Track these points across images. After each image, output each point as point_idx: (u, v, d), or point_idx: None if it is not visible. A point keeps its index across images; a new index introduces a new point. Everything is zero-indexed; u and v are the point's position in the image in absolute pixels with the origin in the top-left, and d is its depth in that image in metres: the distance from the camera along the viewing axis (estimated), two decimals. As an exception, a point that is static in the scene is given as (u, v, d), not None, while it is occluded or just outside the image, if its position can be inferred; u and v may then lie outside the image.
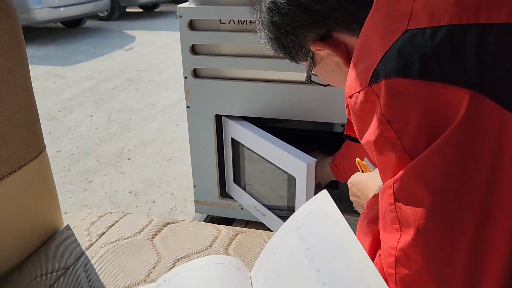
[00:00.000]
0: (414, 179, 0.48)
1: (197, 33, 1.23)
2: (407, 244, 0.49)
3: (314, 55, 0.71)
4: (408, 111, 0.48)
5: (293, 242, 0.57)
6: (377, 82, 0.50)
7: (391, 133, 0.49)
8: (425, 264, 0.48)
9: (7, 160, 0.67)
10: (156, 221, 0.79)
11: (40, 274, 0.68)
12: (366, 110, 0.53)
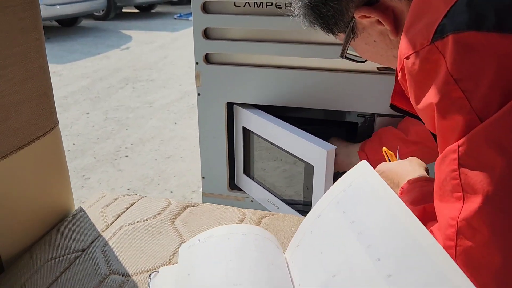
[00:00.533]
0: (485, 142, 0.44)
1: (210, 16, 1.18)
2: (472, 213, 0.45)
3: (355, 25, 0.67)
4: (480, 68, 0.44)
5: (334, 217, 0.52)
6: (442, 39, 0.46)
7: (458, 94, 0.45)
8: (492, 236, 0.44)
9: (18, 131, 0.61)
10: (176, 203, 0.74)
11: (53, 257, 0.62)
12: (427, 70, 0.48)
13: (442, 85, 0.47)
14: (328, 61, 1.17)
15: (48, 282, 0.57)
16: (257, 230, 0.58)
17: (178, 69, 4.72)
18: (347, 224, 0.50)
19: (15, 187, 0.63)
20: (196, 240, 0.54)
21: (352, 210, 0.51)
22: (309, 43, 1.16)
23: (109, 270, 0.59)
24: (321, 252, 0.51)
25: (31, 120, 0.63)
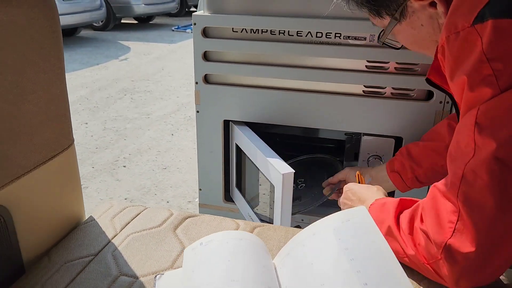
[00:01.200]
0: (502, 107, 0.53)
1: (210, 40, 1.28)
2: (478, 161, 0.54)
3: (405, 8, 0.69)
4: (510, 51, 0.52)
5: (330, 240, 0.61)
6: (482, 22, 0.53)
7: (488, 71, 0.53)
8: (490, 183, 0.54)
9: (40, 148, 0.69)
10: (177, 214, 0.82)
11: (69, 260, 0.70)
12: (465, 49, 0.56)
13: (476, 62, 0.54)
14: (317, 84, 1.27)
15: (66, 282, 0.65)
16: (250, 237, 0.66)
17: (175, 81, 4.81)
18: (341, 249, 0.59)
19: (36, 198, 0.71)
20: (199, 244, 0.63)
21: (348, 240, 0.60)
22: (300, 67, 1.26)
23: (119, 272, 0.67)
24: (311, 264, 0.59)
25: (52, 138, 0.71)
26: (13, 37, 0.60)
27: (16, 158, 0.64)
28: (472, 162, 0.55)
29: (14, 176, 0.65)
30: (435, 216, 0.59)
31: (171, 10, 8.95)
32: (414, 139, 1.23)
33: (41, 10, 0.65)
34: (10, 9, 0.59)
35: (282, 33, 1.23)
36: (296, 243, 0.64)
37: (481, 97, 0.55)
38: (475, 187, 0.55)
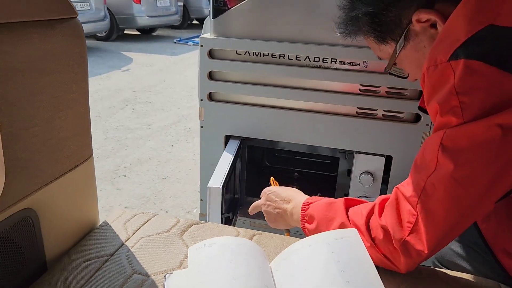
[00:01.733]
0: (464, 135, 0.63)
1: (215, 61, 1.38)
2: (437, 177, 0.65)
3: (408, 31, 0.75)
4: (476, 90, 0.61)
5: (323, 251, 0.70)
6: (456, 60, 0.62)
7: (456, 103, 0.63)
8: (445, 197, 0.65)
9: (67, 159, 0.78)
10: (183, 221, 0.91)
11: (88, 259, 0.78)
12: (440, 80, 0.65)
13: (447, 93, 0.63)
14: (314, 104, 1.37)
15: (85, 278, 0.74)
16: (249, 242, 0.75)
17: (176, 93, 4.91)
18: (333, 261, 0.68)
19: (60, 202, 0.80)
20: (202, 244, 0.72)
21: (339, 254, 0.68)
22: (298, 88, 1.36)
23: (133, 270, 0.76)
24: (305, 269, 0.68)
25: (76, 150, 0.80)
26: (50, 63, 0.70)
27: (45, 168, 0.73)
28: (433, 176, 0.66)
29: (43, 183, 0.73)
30: (396, 215, 0.70)
31: (173, 23, 9.11)
32: (403, 158, 1.32)
33: (73, 39, 0.74)
34: (49, 39, 0.68)
35: (282, 57, 1.34)
36: (292, 250, 0.73)
37: (448, 123, 0.65)
38: (432, 199, 0.66)
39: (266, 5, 1.30)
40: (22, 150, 0.67)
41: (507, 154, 0.61)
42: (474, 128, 0.62)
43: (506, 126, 0.60)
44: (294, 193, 0.99)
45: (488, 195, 0.65)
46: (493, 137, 0.60)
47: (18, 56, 0.62)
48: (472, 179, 0.63)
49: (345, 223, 0.78)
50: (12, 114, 0.64)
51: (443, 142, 0.65)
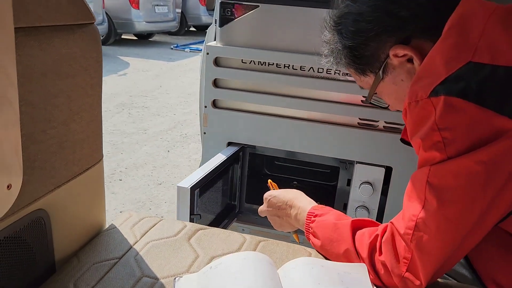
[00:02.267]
0: (449, 172, 0.65)
1: (220, 69, 1.40)
2: (428, 215, 0.67)
3: (386, 65, 0.78)
4: (457, 125, 0.63)
5: (334, 276, 0.73)
6: (436, 96, 0.64)
7: (438, 138, 0.65)
8: (437, 234, 0.67)
9: (79, 161, 0.79)
10: (190, 226, 0.92)
11: (97, 261, 0.79)
12: (422, 116, 0.67)
13: (429, 129, 0.65)
14: (316, 114, 1.39)
15: (95, 280, 0.74)
16: (254, 255, 0.76)
17: (172, 98, 4.91)
18: (342, 285, 0.71)
19: (70, 204, 0.80)
20: (208, 268, 0.74)
21: (350, 283, 0.72)
22: (301, 98, 1.38)
23: (142, 273, 0.77)
24: (318, 283, 0.70)
25: (88, 153, 0.82)
26: (69, 67, 0.71)
27: (60, 169, 0.74)
28: (423, 213, 0.67)
29: (57, 184, 0.74)
30: (393, 252, 0.71)
31: (171, 29, 9.15)
32: (403, 169, 1.35)
33: (91, 44, 0.76)
34: (69, 43, 0.70)
35: (287, 66, 1.36)
36: (302, 264, 0.75)
37: (432, 158, 0.66)
38: (425, 235, 0.67)
39: (272, 15, 1.33)
40: (39, 152, 0.68)
41: (493, 188, 0.63)
42: (458, 165, 0.64)
43: (489, 161, 0.61)
44: (295, 195, 0.98)
45: (479, 227, 0.66)
46: (478, 174, 0.62)
47: (42, 59, 0.64)
48: (461, 215, 0.65)
49: (350, 250, 0.79)
50: (32, 115, 0.65)
51: (429, 179, 0.66)
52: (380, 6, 0.74)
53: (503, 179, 0.63)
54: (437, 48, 0.68)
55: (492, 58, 0.63)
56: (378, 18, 0.74)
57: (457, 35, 0.67)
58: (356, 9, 0.77)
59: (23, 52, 0.61)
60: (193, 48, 8.11)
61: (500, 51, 0.64)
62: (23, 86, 0.62)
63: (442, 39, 0.68)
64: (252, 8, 1.32)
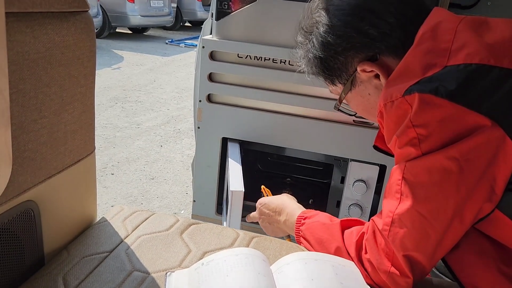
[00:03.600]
0: (423, 168, 0.65)
1: (216, 63, 1.38)
2: (402, 211, 0.67)
3: (355, 78, 0.80)
4: (431, 121, 0.64)
5: (328, 269, 0.73)
6: (410, 94, 0.65)
7: (413, 135, 0.65)
8: (412, 231, 0.67)
9: (71, 153, 0.78)
10: (182, 220, 0.91)
11: (87, 254, 0.78)
12: (398, 115, 0.68)
13: (405, 126, 0.66)
14: (312, 110, 1.38)
15: (85, 274, 0.73)
16: (246, 250, 0.75)
17: (166, 93, 4.89)
18: (337, 282, 0.70)
19: (61, 196, 0.79)
20: (200, 264, 0.72)
21: (345, 278, 0.71)
22: (297, 94, 1.37)
23: (133, 268, 0.75)
24: (311, 279, 0.69)
25: (80, 144, 0.80)
26: (61, 55, 0.69)
27: (51, 160, 0.72)
28: (399, 209, 0.68)
29: (47, 176, 0.73)
30: (376, 249, 0.72)
31: (166, 24, 9.09)
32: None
33: (84, 32, 0.74)
34: (62, 31, 0.68)
35: (283, 62, 1.35)
36: (296, 259, 0.74)
37: (407, 154, 0.67)
38: (401, 232, 0.68)
39: (269, 10, 1.31)
40: (29, 141, 0.66)
41: (466, 185, 0.63)
42: (431, 161, 0.64)
43: (461, 158, 0.62)
44: (284, 201, 1.00)
45: (458, 224, 0.66)
46: (451, 170, 0.62)
47: (35, 46, 0.62)
48: (435, 212, 0.65)
49: (341, 249, 0.79)
50: (23, 104, 0.63)
51: (404, 176, 0.67)
52: (350, 22, 0.75)
53: (477, 176, 0.63)
54: (412, 53, 0.70)
55: (465, 58, 0.64)
56: (348, 34, 0.75)
57: (431, 39, 0.68)
58: (327, 21, 0.77)
59: (15, 38, 0.59)
60: (188, 44, 8.07)
61: (472, 51, 0.64)
62: (14, 73, 0.60)
63: (416, 45, 0.70)
64: (249, 2, 1.31)
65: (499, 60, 0.63)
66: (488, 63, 0.63)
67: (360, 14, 0.75)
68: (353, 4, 0.75)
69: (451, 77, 0.63)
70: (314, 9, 0.82)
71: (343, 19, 0.76)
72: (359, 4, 0.75)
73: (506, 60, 0.63)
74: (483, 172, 0.62)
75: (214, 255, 0.73)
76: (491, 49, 0.64)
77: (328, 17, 0.77)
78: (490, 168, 0.62)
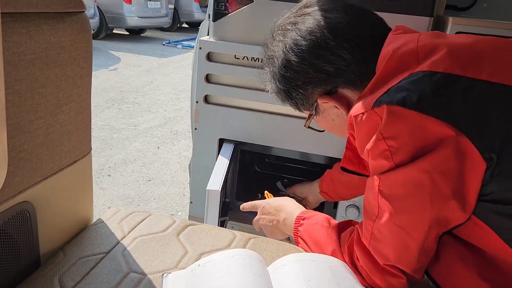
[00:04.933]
0: (397, 181, 0.66)
1: (213, 64, 1.38)
2: (381, 223, 0.68)
3: (317, 106, 0.83)
4: (400, 133, 0.65)
5: (325, 269, 0.73)
6: (379, 106, 0.66)
7: (385, 147, 0.66)
8: (392, 240, 0.68)
9: (67, 153, 0.78)
10: (179, 222, 0.91)
11: (83, 256, 0.77)
12: (369, 127, 0.69)
13: (376, 139, 0.67)
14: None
15: (81, 275, 0.72)
16: (243, 252, 0.75)
17: (163, 95, 4.88)
18: (335, 282, 0.70)
19: (57, 197, 0.78)
20: (196, 265, 0.72)
21: (342, 279, 0.72)
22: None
23: (129, 269, 0.75)
24: (308, 280, 0.69)
25: (76, 145, 0.80)
26: (57, 56, 0.69)
27: (47, 161, 0.72)
28: (377, 222, 0.68)
29: (43, 177, 0.72)
30: (366, 255, 0.72)
31: (163, 25, 9.08)
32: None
33: (81, 33, 0.74)
34: (58, 32, 0.68)
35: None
36: (292, 261, 0.74)
37: (380, 166, 0.67)
38: (381, 243, 0.69)
39: (266, 11, 1.31)
40: (25, 142, 0.66)
41: (439, 196, 0.63)
42: (405, 174, 0.64)
43: (433, 170, 0.62)
44: (285, 201, 1.01)
45: (433, 232, 0.67)
46: (424, 182, 0.63)
47: (30, 47, 0.62)
48: (413, 224, 0.66)
49: (337, 251, 0.80)
50: (19, 104, 0.63)
51: (380, 188, 0.67)
52: (307, 59, 0.77)
53: (449, 187, 0.63)
54: (381, 73, 0.71)
55: (430, 65, 0.65)
56: (305, 70, 0.77)
57: (397, 58, 0.69)
58: (285, 56, 0.79)
59: (11, 39, 0.59)
60: (185, 45, 8.06)
61: (436, 60, 0.66)
62: (10, 74, 0.60)
63: (381, 61, 0.71)
64: (246, 3, 1.31)
65: (464, 69, 0.64)
66: (453, 73, 0.64)
67: (316, 51, 0.76)
68: (310, 41, 0.76)
69: (418, 87, 0.64)
70: (273, 39, 0.84)
71: (300, 55, 0.77)
72: (315, 41, 0.76)
73: (469, 69, 0.64)
74: (455, 182, 0.63)
75: (210, 256, 0.73)
76: (454, 58, 0.65)
77: (286, 52, 0.79)
78: (461, 177, 0.62)
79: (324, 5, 0.79)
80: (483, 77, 0.64)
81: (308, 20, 0.77)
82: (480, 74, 0.64)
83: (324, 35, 0.75)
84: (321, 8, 0.77)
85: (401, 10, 1.20)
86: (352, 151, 0.93)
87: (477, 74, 0.64)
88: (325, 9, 0.77)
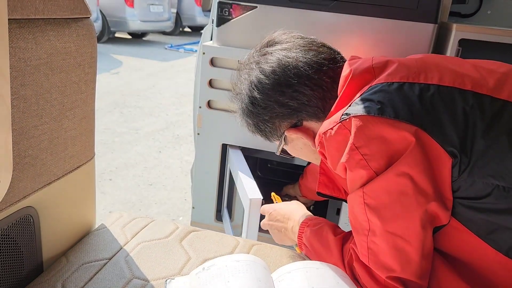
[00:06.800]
0: (380, 190, 0.67)
1: (216, 69, 1.38)
2: (375, 235, 0.69)
3: (286, 137, 0.88)
4: (370, 140, 0.67)
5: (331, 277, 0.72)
6: (345, 119, 0.69)
7: (359, 156, 0.67)
8: (389, 250, 0.68)
9: (71, 159, 0.77)
10: (182, 227, 0.90)
11: (86, 261, 0.77)
12: (338, 141, 0.71)
13: (348, 151, 0.68)
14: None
15: (84, 281, 0.72)
16: (247, 257, 0.75)
17: (165, 99, 4.88)
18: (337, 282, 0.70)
19: (60, 202, 0.78)
20: (201, 269, 0.72)
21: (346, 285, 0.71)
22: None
23: (132, 275, 0.75)
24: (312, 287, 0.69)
25: (80, 150, 0.80)
26: (63, 61, 0.69)
27: (51, 166, 0.72)
28: (371, 235, 0.69)
29: (47, 182, 0.72)
30: (367, 274, 0.72)
31: (165, 29, 9.10)
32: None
33: (86, 39, 0.74)
34: (64, 37, 0.68)
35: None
36: (296, 268, 0.73)
37: (359, 177, 0.68)
38: (380, 255, 0.68)
39: (269, 17, 1.32)
40: (30, 147, 0.66)
41: (423, 193, 0.64)
42: (386, 181, 0.65)
43: (411, 171, 0.64)
44: (293, 208, 1.00)
45: (427, 233, 0.67)
46: (406, 185, 0.64)
47: (36, 52, 0.62)
48: (405, 228, 0.66)
49: (339, 265, 0.79)
50: (24, 110, 0.63)
51: (365, 201, 0.68)
52: (272, 96, 0.82)
53: (429, 184, 0.64)
54: (344, 90, 0.75)
55: (386, 78, 0.71)
56: (271, 106, 0.82)
57: (357, 77, 0.74)
58: (251, 93, 0.84)
59: (17, 44, 0.59)
60: (187, 49, 8.08)
61: (391, 72, 0.72)
62: (15, 79, 0.60)
63: (349, 83, 0.75)
64: (250, 9, 1.31)
65: (416, 77, 0.70)
66: (407, 81, 0.69)
67: (279, 89, 0.81)
68: (273, 79, 0.81)
69: (378, 96, 0.68)
70: (240, 76, 0.89)
71: (265, 92, 0.82)
72: (277, 80, 0.81)
73: (421, 76, 0.70)
74: (433, 178, 0.64)
75: (215, 260, 0.73)
76: (406, 69, 0.71)
77: (251, 89, 0.84)
78: (435, 173, 0.64)
79: (284, 43, 0.84)
80: (434, 82, 0.69)
81: (270, 59, 0.82)
82: (431, 79, 0.69)
83: (285, 74, 0.80)
84: (282, 48, 0.83)
85: (405, 17, 1.20)
86: (326, 176, 0.94)
87: (429, 80, 0.69)
88: (285, 48, 0.83)
